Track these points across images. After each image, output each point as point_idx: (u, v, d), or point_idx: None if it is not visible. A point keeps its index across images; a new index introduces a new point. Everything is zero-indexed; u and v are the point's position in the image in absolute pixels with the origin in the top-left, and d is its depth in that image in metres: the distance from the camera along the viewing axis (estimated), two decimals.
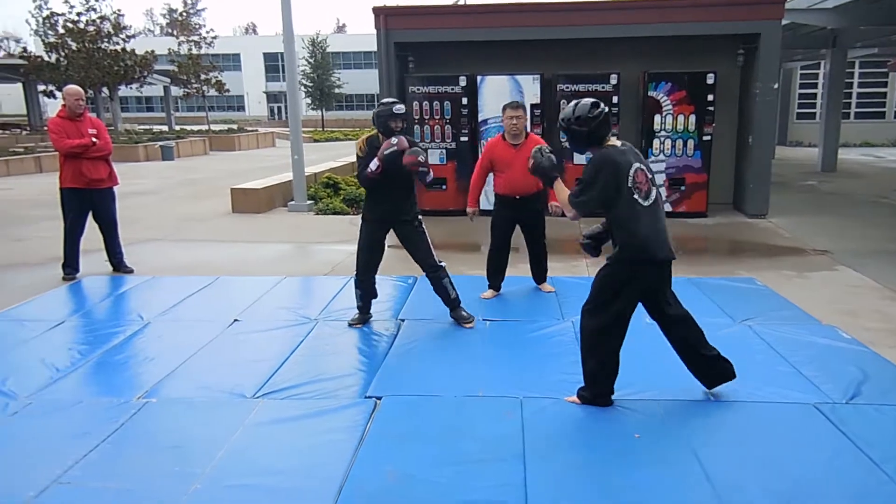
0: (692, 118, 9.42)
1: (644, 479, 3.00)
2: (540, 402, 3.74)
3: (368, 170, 4.64)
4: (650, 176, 3.52)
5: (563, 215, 4.31)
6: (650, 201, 3.46)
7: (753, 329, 4.90)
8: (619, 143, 3.59)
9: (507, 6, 10.13)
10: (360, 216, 5.13)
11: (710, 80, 9.30)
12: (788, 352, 4.44)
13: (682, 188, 9.64)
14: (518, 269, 6.19)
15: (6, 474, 3.05)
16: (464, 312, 5.06)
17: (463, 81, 9.65)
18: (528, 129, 5.62)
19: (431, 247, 5.04)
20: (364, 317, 5.12)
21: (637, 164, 3.48)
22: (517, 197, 5.46)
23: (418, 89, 9.73)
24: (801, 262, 7.12)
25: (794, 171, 15.81)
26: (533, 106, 9.55)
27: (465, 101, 9.70)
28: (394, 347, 4.63)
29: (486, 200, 6.00)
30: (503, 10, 10.08)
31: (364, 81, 49.68)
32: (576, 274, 6.60)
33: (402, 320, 5.20)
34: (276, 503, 2.85)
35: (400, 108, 4.71)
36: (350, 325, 5.06)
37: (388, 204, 4.86)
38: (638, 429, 3.45)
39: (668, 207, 9.63)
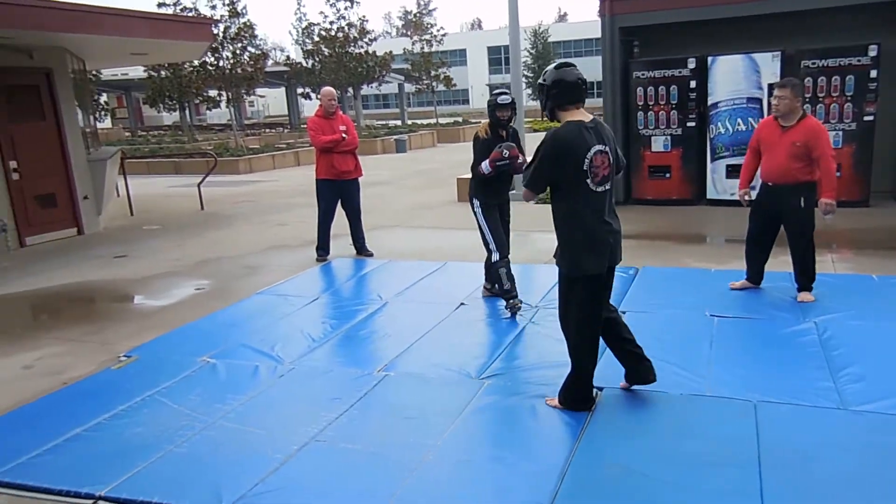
0: None
1: None
2: (777, 407, 3.47)
3: (481, 170, 5.16)
4: (611, 160, 3.29)
5: (825, 214, 4.58)
6: (603, 188, 3.28)
7: None
8: (586, 118, 3.29)
9: None
10: None
11: None
12: None
13: None
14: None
15: (275, 428, 3.57)
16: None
17: (692, 63, 9.10)
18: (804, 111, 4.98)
19: None
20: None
21: (598, 147, 3.23)
22: (770, 184, 5.06)
23: (643, 74, 9.38)
24: None
25: None
26: (771, 86, 8.71)
27: (693, 84, 9.15)
28: None
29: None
30: None
31: (584, 69, 48.26)
32: (820, 270, 5.94)
33: (624, 312, 5.10)
34: (499, 481, 3.01)
35: (505, 98, 5.10)
36: (512, 309, 5.16)
37: (503, 190, 5.56)
38: None
39: None
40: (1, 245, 8.43)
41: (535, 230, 8.60)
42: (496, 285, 5.34)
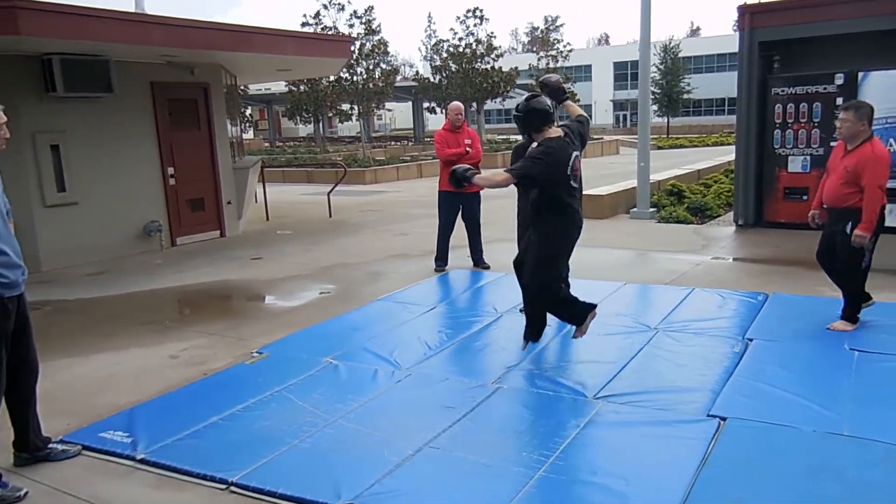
0: None
1: None
2: None
3: None
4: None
5: (855, 245, 4.68)
6: (577, 185, 4.36)
7: None
8: (560, 132, 4.23)
9: None
10: (702, 225, 5.06)
11: None
12: None
13: None
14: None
15: (391, 431, 3.69)
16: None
17: (840, 79, 8.50)
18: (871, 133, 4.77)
19: None
20: None
21: (575, 153, 4.27)
22: (825, 206, 5.03)
23: (782, 91, 8.88)
24: None
25: None
26: None
27: (839, 100, 8.51)
28: (739, 367, 4.35)
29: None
30: None
31: (716, 85, 46.90)
32: None
33: (750, 340, 4.85)
34: None
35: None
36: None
37: None
38: None
39: None
40: (155, 244, 9.30)
41: (655, 250, 8.34)
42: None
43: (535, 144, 4.34)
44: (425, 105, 34.31)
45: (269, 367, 4.78)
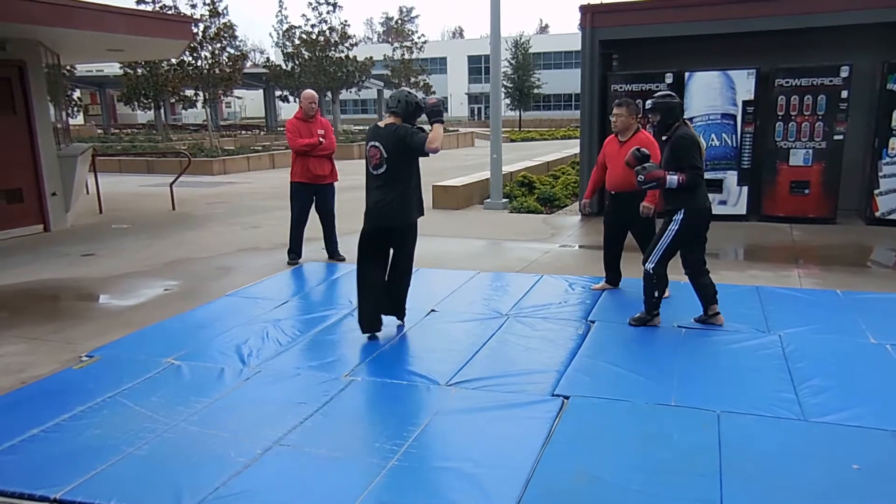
0: None
1: None
2: (740, 418, 3.52)
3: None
4: (383, 153, 4.50)
5: (653, 216, 5.33)
6: (377, 172, 4.56)
7: None
8: (382, 123, 4.59)
9: None
10: (551, 214, 5.27)
11: None
12: None
13: None
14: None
15: (238, 432, 3.51)
16: None
17: (669, 78, 9.24)
18: (639, 126, 5.68)
19: None
20: None
21: (371, 142, 4.56)
22: (613, 193, 5.68)
23: (621, 87, 9.49)
24: None
25: None
26: (745, 103, 8.89)
27: None
28: (583, 348, 4.60)
29: None
30: (719, 2, 9.47)
31: (563, 81, 49.44)
32: (786, 284, 6.06)
33: (593, 322, 5.15)
34: (464, 487, 2.99)
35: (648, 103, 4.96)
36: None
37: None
38: (858, 459, 3.10)
39: None
40: None
41: (508, 239, 8.64)
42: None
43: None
44: (277, 93, 33.18)
45: (101, 371, 4.37)
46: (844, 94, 8.50)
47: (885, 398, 3.70)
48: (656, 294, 4.90)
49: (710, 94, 9.07)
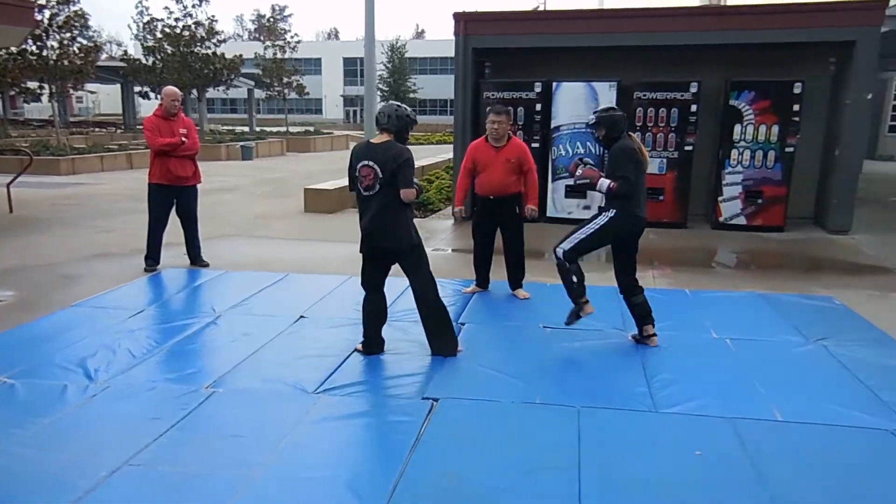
0: (775, 129, 9.06)
1: (703, 500, 2.90)
2: (598, 412, 3.68)
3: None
4: (378, 174, 4.25)
5: (532, 220, 5.75)
6: (369, 193, 4.34)
7: (828, 349, 4.67)
8: (377, 140, 4.37)
9: (588, 12, 10.04)
10: (425, 218, 5.24)
11: (798, 89, 8.92)
12: (866, 375, 4.21)
13: (760, 201, 9.28)
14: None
15: (81, 454, 3.22)
16: None
17: (538, 87, 9.59)
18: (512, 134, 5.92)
19: None
20: None
21: (364, 161, 4.31)
22: (491, 198, 5.75)
23: (493, 94, 9.74)
24: (885, 282, 6.71)
25: (883, 186, 14.92)
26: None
27: (538, 107, 9.64)
28: None
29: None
30: (584, 17, 9.99)
31: (439, 87, 50.16)
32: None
33: (463, 324, 5.22)
34: (330, 497, 2.91)
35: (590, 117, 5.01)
36: None
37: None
38: (701, 446, 3.34)
39: (742, 220, 9.32)
40: None
41: None
42: None
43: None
44: (137, 89, 31.08)
45: None
46: (694, 108, 9.20)
47: (724, 389, 4.01)
48: (574, 280, 4.69)
49: (576, 105, 9.51)
